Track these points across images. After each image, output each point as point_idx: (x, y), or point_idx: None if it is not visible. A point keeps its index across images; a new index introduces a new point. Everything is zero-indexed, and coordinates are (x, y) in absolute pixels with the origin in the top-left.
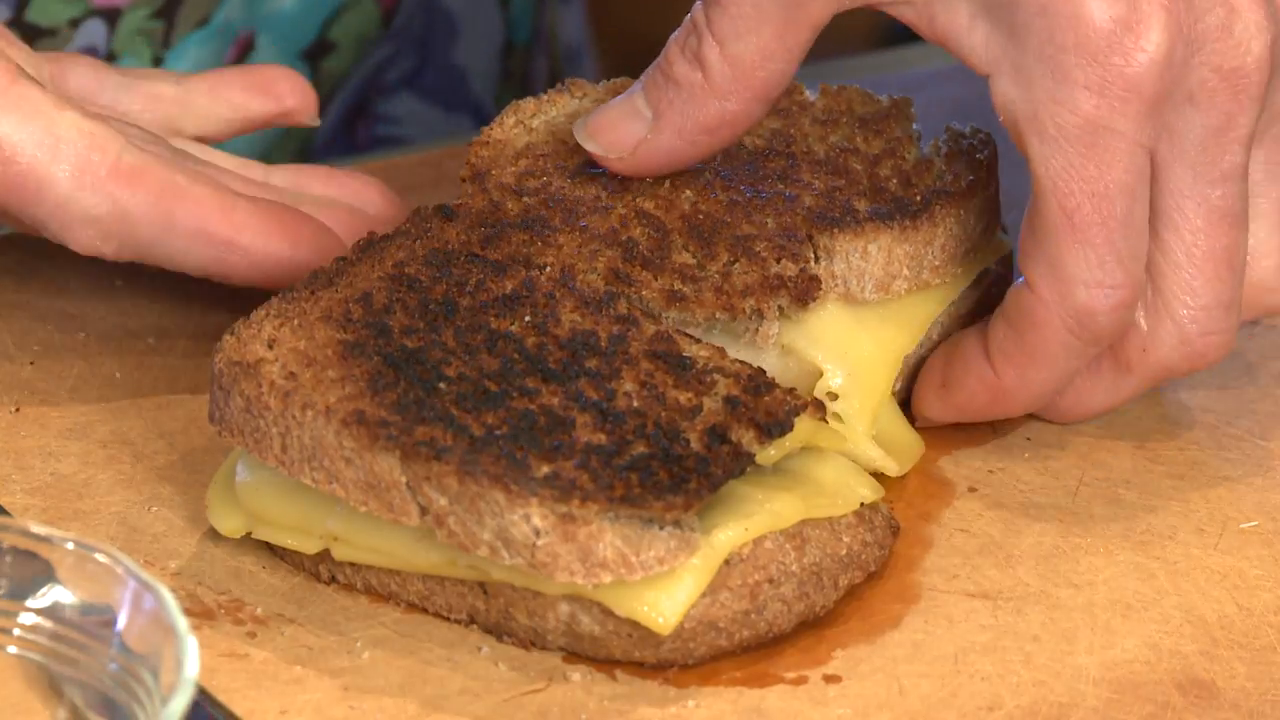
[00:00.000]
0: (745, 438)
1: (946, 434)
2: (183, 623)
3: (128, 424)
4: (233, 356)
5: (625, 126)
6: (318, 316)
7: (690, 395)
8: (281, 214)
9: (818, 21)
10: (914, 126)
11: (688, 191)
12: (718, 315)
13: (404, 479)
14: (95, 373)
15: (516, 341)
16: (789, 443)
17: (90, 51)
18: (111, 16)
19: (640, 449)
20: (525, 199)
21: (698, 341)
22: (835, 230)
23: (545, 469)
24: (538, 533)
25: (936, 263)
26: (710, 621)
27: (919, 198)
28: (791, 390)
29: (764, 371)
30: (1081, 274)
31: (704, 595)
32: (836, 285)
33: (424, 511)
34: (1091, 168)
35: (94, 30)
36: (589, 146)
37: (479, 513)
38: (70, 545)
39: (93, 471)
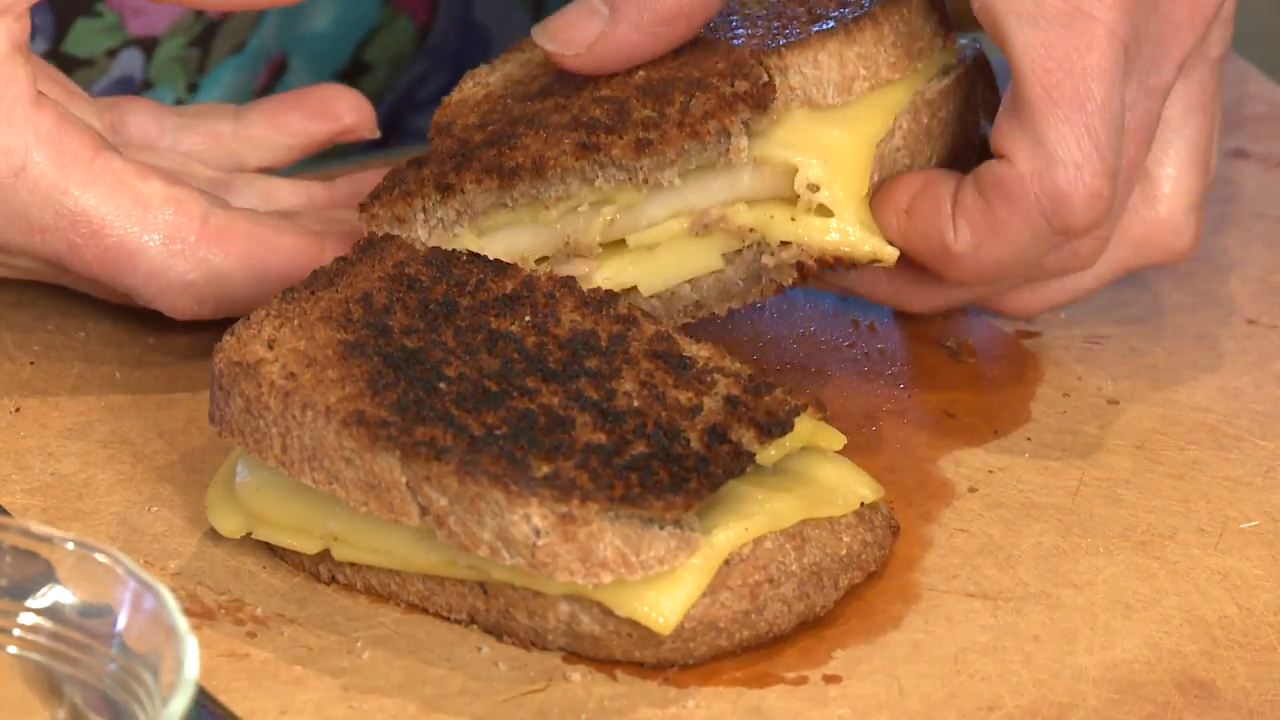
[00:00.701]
0: (745, 437)
1: (947, 434)
2: (183, 623)
3: (128, 424)
4: (233, 357)
5: (583, 24)
6: (318, 317)
7: (690, 395)
8: None
9: None
10: None
11: (640, 70)
12: (685, 147)
13: (404, 479)
14: (95, 373)
15: (516, 341)
16: (789, 443)
17: (127, 81)
18: (149, 46)
19: (640, 449)
20: (489, 127)
21: (697, 341)
22: (782, 50)
23: (545, 469)
24: (538, 532)
25: (891, 59)
26: (710, 621)
27: (860, 5)
28: (791, 390)
29: (764, 372)
30: (1062, 151)
31: (704, 595)
32: (796, 96)
33: (424, 511)
34: (1071, 47)
35: (131, 60)
36: (547, 46)
37: (479, 513)
38: (70, 545)
39: (93, 471)
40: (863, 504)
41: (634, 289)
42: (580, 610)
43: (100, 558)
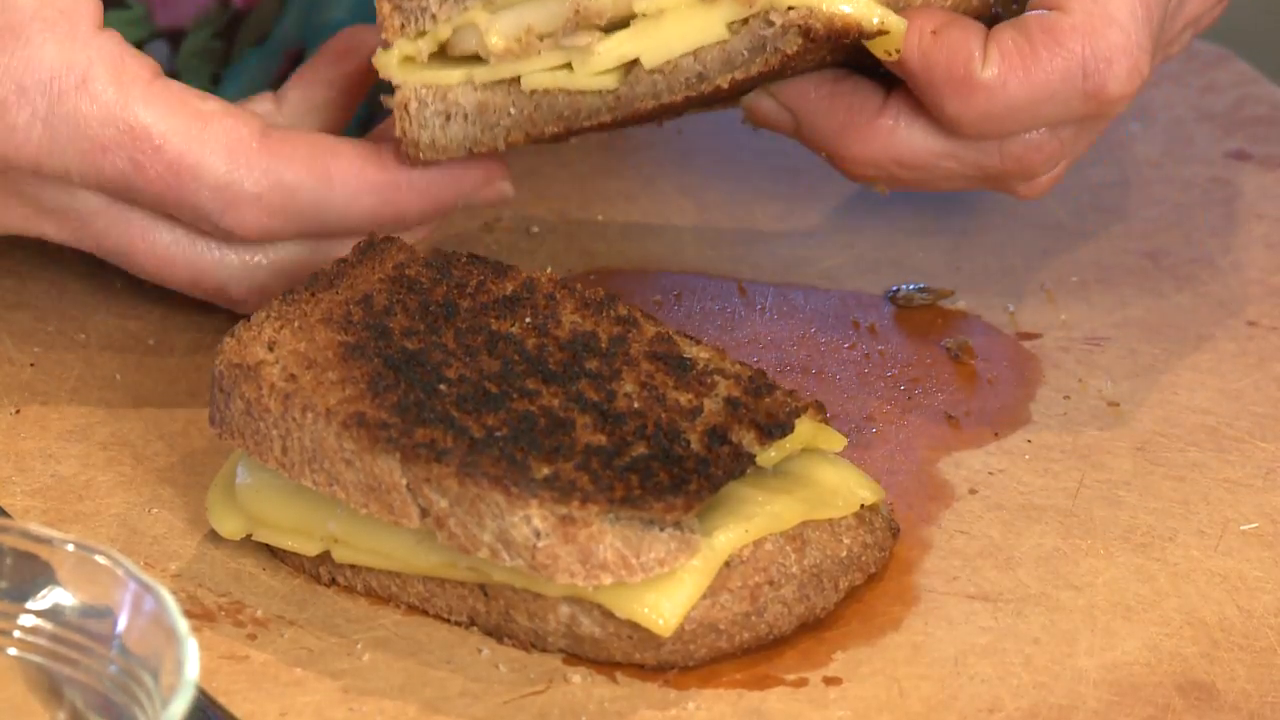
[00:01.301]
0: (746, 439)
1: (946, 437)
2: (183, 625)
3: (128, 426)
4: (233, 359)
5: None
6: (318, 319)
7: (690, 396)
8: None
9: None
10: None
11: None
12: None
13: (404, 481)
14: (95, 375)
15: (517, 343)
16: (789, 444)
17: None
18: (175, 38)
19: (640, 450)
20: None
21: (698, 343)
22: None
23: (545, 470)
24: (538, 534)
25: None
26: (711, 623)
27: None
28: (791, 392)
29: (764, 373)
30: (1121, 17)
31: (704, 597)
32: None
33: (424, 513)
34: None
35: (158, 52)
36: None
37: (479, 514)
38: (71, 547)
39: (93, 473)
40: (863, 506)
41: (636, 62)
42: (580, 612)
43: (100, 559)
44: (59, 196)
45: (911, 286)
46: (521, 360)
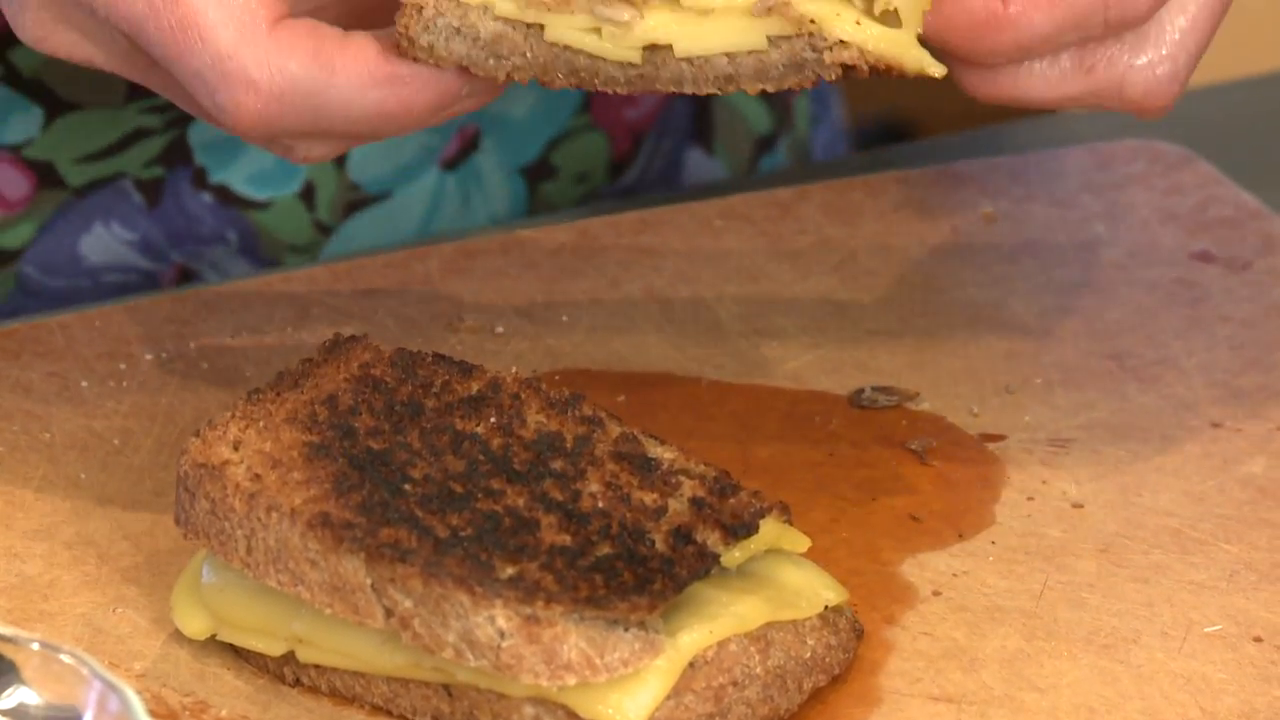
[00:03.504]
0: (710, 539)
1: (911, 538)
2: None
3: (93, 525)
4: (198, 459)
5: None
6: (283, 419)
7: (655, 496)
8: None
9: None
10: None
11: None
12: None
13: (369, 581)
14: (60, 474)
15: (482, 443)
16: (754, 545)
17: None
18: None
19: (605, 550)
20: None
21: (663, 443)
22: None
23: (510, 570)
24: (502, 634)
25: None
26: None
27: None
28: (756, 493)
29: (729, 474)
30: None
31: (669, 698)
32: None
33: (389, 613)
34: None
35: None
36: None
37: (444, 614)
38: (35, 646)
39: (58, 573)
40: (827, 607)
41: (669, 47)
42: (545, 712)
43: (65, 659)
44: (100, 30)
45: (876, 388)
46: (486, 460)
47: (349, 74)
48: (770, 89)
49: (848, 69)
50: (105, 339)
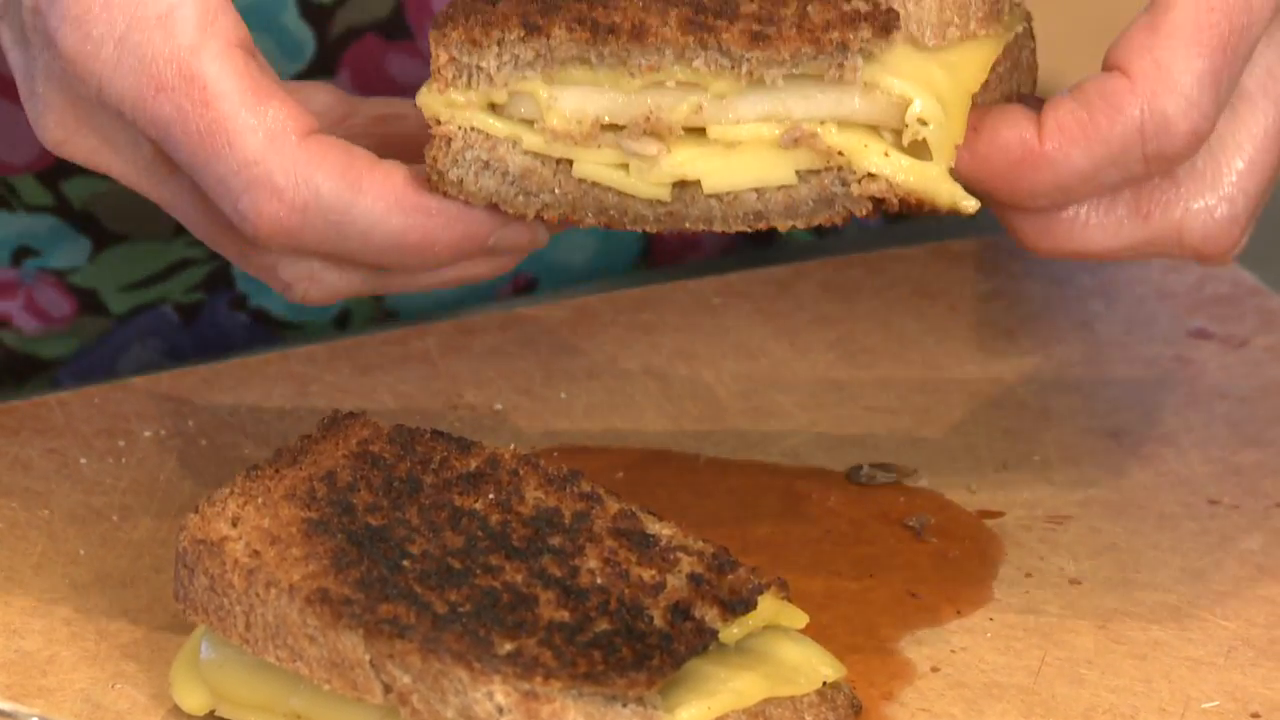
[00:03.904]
0: (709, 615)
1: (909, 614)
2: None
3: (92, 601)
4: (197, 534)
5: None
6: (282, 495)
7: (654, 572)
8: None
9: None
10: None
11: None
12: (801, 50)
13: (368, 657)
14: (59, 550)
15: (480, 519)
16: (752, 621)
17: None
18: None
19: (603, 625)
20: None
21: (661, 519)
22: (893, 18)
23: (508, 646)
24: (501, 710)
25: (980, 14)
26: None
27: None
28: (754, 569)
29: (727, 550)
30: (1184, 82)
31: None
32: (900, 29)
33: (388, 689)
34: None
35: None
36: None
37: (442, 690)
38: None
39: (57, 648)
40: (825, 683)
41: (697, 184)
42: None
43: None
44: (122, 133)
45: (874, 465)
46: (485, 536)
47: (375, 196)
48: (800, 225)
49: (878, 203)
50: (104, 416)
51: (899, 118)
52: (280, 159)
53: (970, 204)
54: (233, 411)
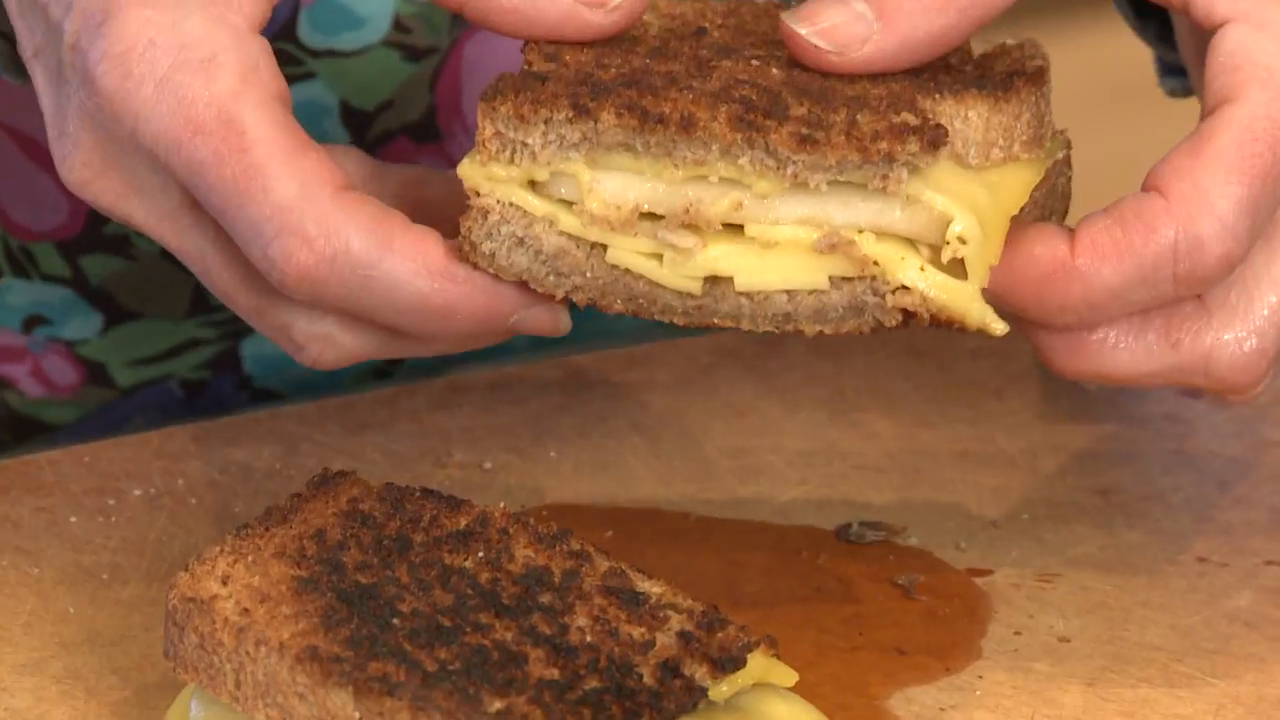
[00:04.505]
0: (698, 673)
1: (898, 672)
2: None
3: (81, 660)
4: (187, 593)
5: (848, 27)
6: (272, 553)
7: (643, 630)
8: None
9: None
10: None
11: (774, 69)
12: (849, 158)
13: (357, 715)
14: (49, 609)
15: (470, 577)
16: (741, 679)
17: None
18: None
19: (593, 683)
20: (613, 70)
21: (650, 578)
22: (937, 95)
23: (498, 704)
24: None
25: (1024, 137)
26: None
27: (1000, 76)
28: (744, 627)
29: (717, 608)
30: (1221, 206)
31: None
32: (945, 148)
33: None
34: None
35: None
36: (815, 40)
37: None
38: None
39: (46, 707)
40: None
41: (729, 281)
42: None
43: None
44: (151, 177)
45: (863, 524)
46: (474, 594)
47: (405, 256)
48: (829, 331)
49: (908, 317)
50: (94, 475)
51: (938, 234)
52: (314, 208)
53: (999, 326)
54: (223, 470)
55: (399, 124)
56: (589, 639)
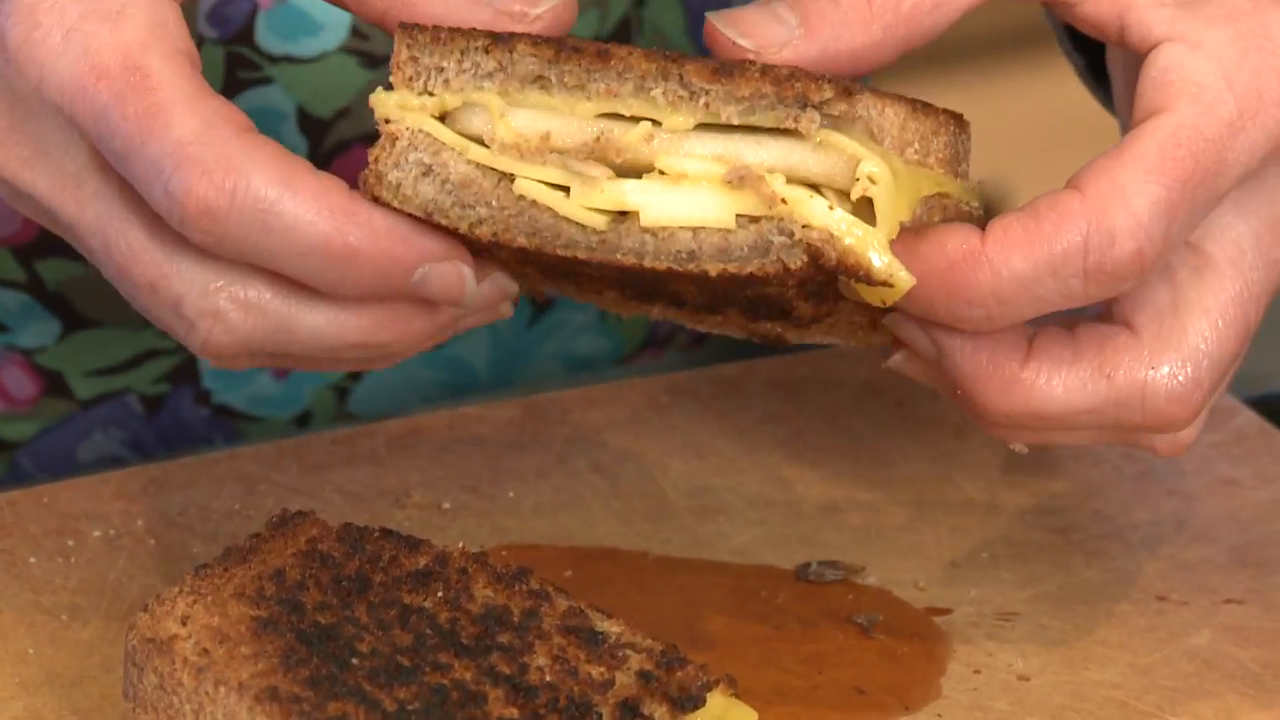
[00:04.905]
0: (658, 712)
1: (858, 711)
2: None
3: (41, 701)
4: (146, 633)
5: (769, 27)
6: (231, 593)
7: (603, 669)
8: None
9: None
10: None
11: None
12: (763, 91)
13: None
14: (8, 650)
15: (429, 617)
16: (701, 718)
17: None
18: None
19: None
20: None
21: (610, 617)
22: (855, 85)
23: None
24: None
25: (941, 155)
26: None
27: (921, 102)
28: (703, 666)
29: (676, 647)
30: (1137, 204)
31: None
32: (862, 121)
33: None
34: (1217, 140)
35: None
36: (732, 36)
37: None
38: None
39: None
40: None
41: (635, 216)
42: None
43: None
44: (56, 134)
45: (822, 563)
46: (434, 634)
47: (306, 195)
48: (732, 269)
49: (814, 259)
50: (53, 516)
51: (848, 178)
52: (217, 144)
53: (905, 277)
54: (181, 510)
55: (356, 132)
56: (548, 678)
